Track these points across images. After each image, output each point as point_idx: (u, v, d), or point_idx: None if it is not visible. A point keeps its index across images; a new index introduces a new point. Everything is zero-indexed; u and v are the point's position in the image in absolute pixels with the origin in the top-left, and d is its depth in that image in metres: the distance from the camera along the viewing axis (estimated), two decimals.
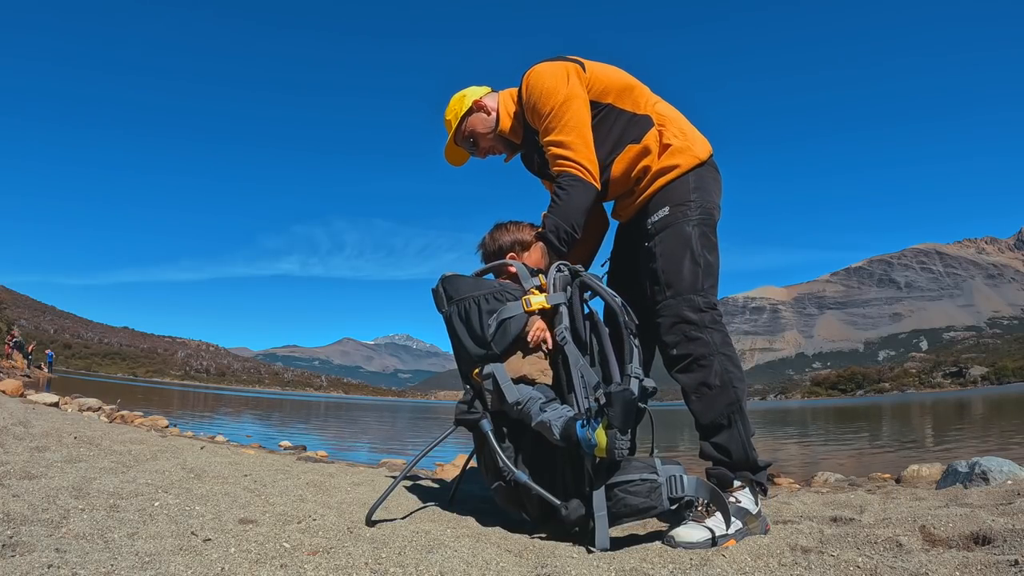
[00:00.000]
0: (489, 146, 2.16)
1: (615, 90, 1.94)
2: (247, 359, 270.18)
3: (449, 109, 2.16)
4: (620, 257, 2.13)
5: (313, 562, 1.29)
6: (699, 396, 1.74)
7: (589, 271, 1.87)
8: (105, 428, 3.94)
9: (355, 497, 2.09)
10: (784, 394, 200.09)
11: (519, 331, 1.72)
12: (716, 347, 1.74)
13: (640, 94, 1.98)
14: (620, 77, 1.98)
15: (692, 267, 1.80)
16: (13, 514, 1.45)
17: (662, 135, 1.93)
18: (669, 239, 1.85)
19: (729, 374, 1.73)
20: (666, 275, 1.82)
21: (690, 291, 1.78)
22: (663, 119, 1.96)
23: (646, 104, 1.97)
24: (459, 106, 2.13)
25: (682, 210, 1.86)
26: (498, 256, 1.99)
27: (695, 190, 1.88)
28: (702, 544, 1.48)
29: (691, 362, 1.75)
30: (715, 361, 1.73)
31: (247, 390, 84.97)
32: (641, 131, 1.92)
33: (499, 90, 2.16)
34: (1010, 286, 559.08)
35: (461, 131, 2.14)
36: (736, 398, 1.73)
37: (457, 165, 2.28)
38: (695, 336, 1.75)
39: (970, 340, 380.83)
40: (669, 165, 1.90)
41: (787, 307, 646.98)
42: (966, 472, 2.76)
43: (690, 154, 1.91)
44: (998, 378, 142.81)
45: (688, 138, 1.94)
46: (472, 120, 2.12)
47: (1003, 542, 1.34)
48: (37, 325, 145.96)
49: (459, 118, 2.12)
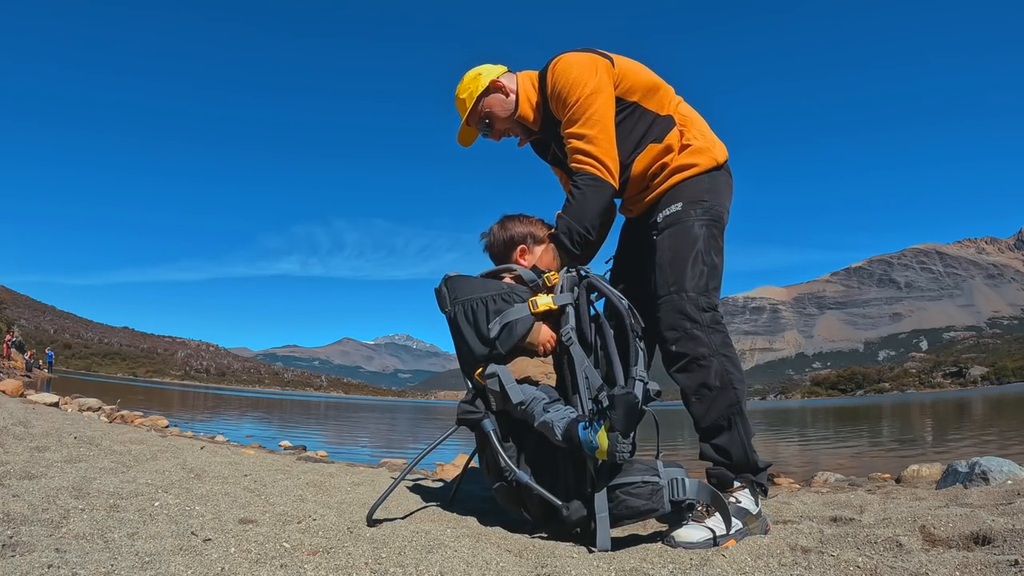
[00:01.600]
0: (505, 128, 2.05)
1: (641, 89, 1.92)
2: (247, 359, 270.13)
3: (463, 87, 2.04)
4: (626, 251, 2.10)
5: (313, 562, 1.29)
6: (699, 398, 1.73)
7: (592, 267, 1.87)
8: (105, 428, 3.94)
9: (355, 497, 2.09)
10: (784, 394, 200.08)
11: (524, 332, 1.72)
12: (716, 348, 1.73)
13: (665, 95, 1.96)
14: (647, 76, 1.95)
15: (699, 267, 1.79)
16: (13, 514, 1.45)
17: (683, 135, 1.92)
18: (678, 235, 1.83)
19: (729, 375, 1.72)
20: (672, 271, 1.80)
21: (694, 290, 1.77)
22: (685, 120, 1.95)
23: (670, 105, 1.95)
24: (474, 85, 2.01)
25: (694, 208, 1.84)
26: (507, 247, 1.96)
27: (708, 191, 1.87)
28: (703, 544, 1.48)
29: (690, 361, 1.74)
30: (715, 362, 1.72)
31: (247, 390, 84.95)
32: (663, 131, 1.90)
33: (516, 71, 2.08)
34: (1010, 286, 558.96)
35: (477, 111, 2.02)
36: (736, 399, 1.72)
37: (466, 146, 2.16)
38: (695, 335, 1.74)
39: (970, 340, 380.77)
40: (688, 163, 1.89)
41: (787, 307, 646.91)
42: (966, 472, 2.76)
43: (709, 155, 1.90)
44: (998, 378, 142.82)
45: (708, 140, 1.94)
46: (489, 101, 2.01)
47: (1003, 542, 1.34)
48: (37, 325, 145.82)
49: (475, 98, 2.00)
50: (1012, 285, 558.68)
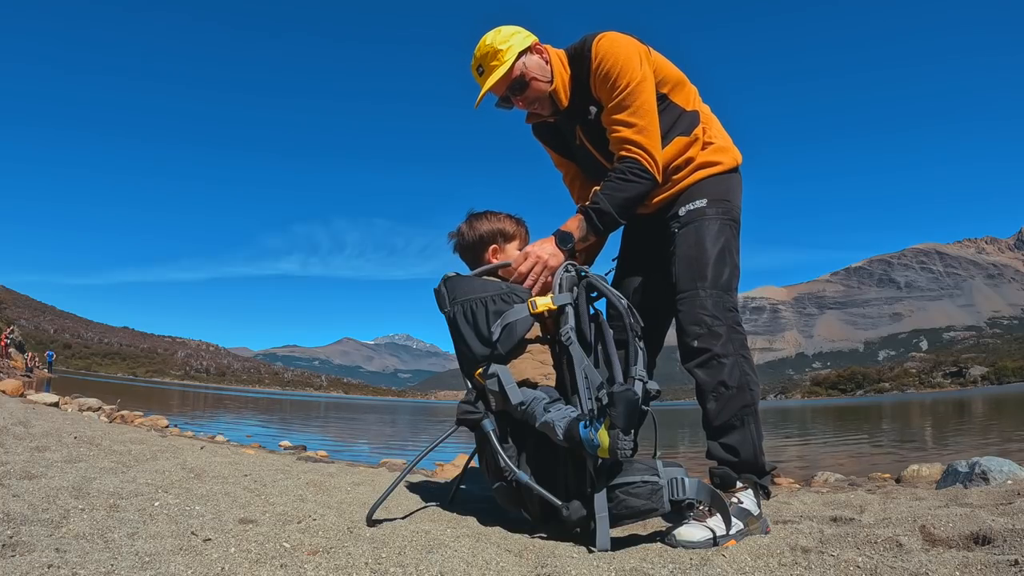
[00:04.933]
0: (536, 97, 1.86)
1: (671, 82, 1.90)
2: (247, 359, 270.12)
3: (500, 38, 1.80)
4: (637, 247, 2.05)
5: (313, 562, 1.29)
6: (716, 396, 1.71)
7: (594, 268, 1.86)
8: (105, 428, 3.94)
9: (355, 497, 2.09)
10: (784, 394, 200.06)
11: (524, 333, 1.72)
12: (736, 348, 1.72)
13: (691, 90, 1.95)
14: (675, 70, 1.93)
15: (726, 266, 1.78)
16: (13, 514, 1.45)
17: (706, 132, 1.92)
18: (704, 231, 1.80)
19: (747, 376, 1.71)
20: (698, 266, 1.77)
21: (721, 287, 1.75)
22: (707, 118, 1.95)
23: (695, 100, 1.95)
24: (517, 41, 1.80)
25: (718, 206, 1.83)
26: (477, 246, 1.95)
27: (731, 191, 1.87)
28: (703, 544, 1.48)
29: (711, 358, 1.72)
30: (733, 361, 1.71)
31: (247, 390, 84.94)
32: (690, 125, 1.89)
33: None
34: (1010, 286, 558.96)
35: (513, 71, 1.79)
36: (752, 401, 1.71)
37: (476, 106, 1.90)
38: (718, 332, 1.72)
39: (970, 340, 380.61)
40: (712, 160, 1.88)
41: (787, 307, 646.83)
42: (966, 472, 2.76)
43: (731, 155, 1.90)
44: (998, 378, 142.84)
45: (727, 140, 1.95)
46: (530, 61, 1.81)
47: (1003, 542, 1.33)
48: (37, 325, 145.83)
49: (516, 53, 1.78)
50: (1012, 285, 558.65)
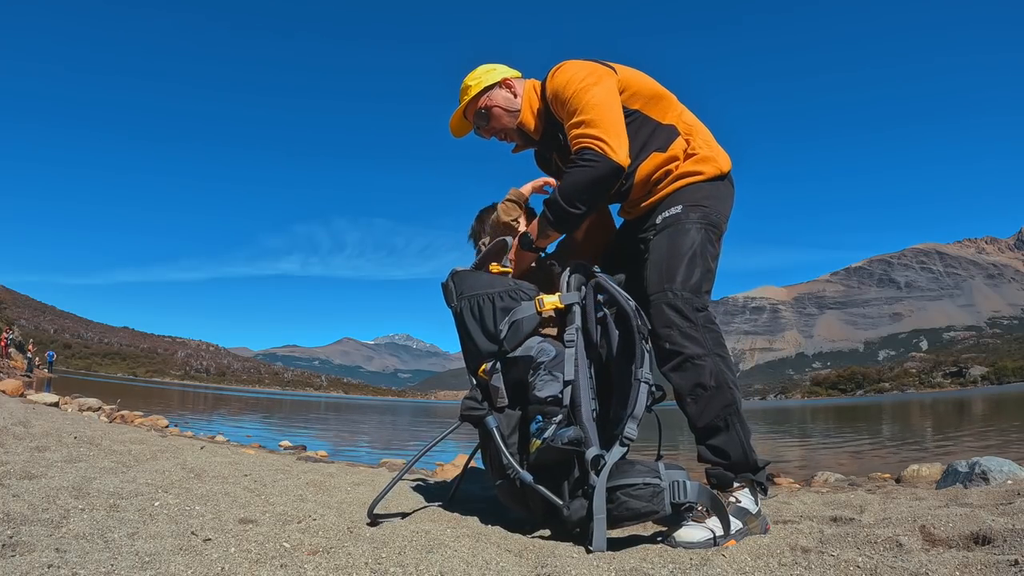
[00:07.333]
0: (501, 128, 2.07)
1: (644, 97, 1.93)
2: (247, 359, 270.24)
3: (474, 75, 2.07)
4: (619, 253, 2.10)
5: (313, 562, 1.29)
6: (695, 398, 1.71)
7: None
8: (105, 428, 3.94)
9: (355, 497, 2.09)
10: (784, 394, 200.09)
11: (531, 331, 1.72)
12: (710, 347, 1.72)
13: (668, 104, 1.97)
14: (650, 84, 1.96)
15: (694, 267, 1.79)
16: (13, 514, 1.45)
17: (689, 143, 1.93)
18: (676, 236, 1.83)
19: (724, 375, 1.70)
20: (667, 269, 1.79)
21: (689, 289, 1.76)
22: (690, 128, 1.96)
23: (673, 113, 1.96)
24: (487, 77, 2.04)
25: (693, 211, 1.85)
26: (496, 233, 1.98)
27: (709, 197, 1.88)
28: (703, 544, 1.48)
29: (684, 360, 1.72)
30: (710, 361, 1.70)
31: (247, 390, 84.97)
32: (667, 140, 1.92)
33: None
34: (1010, 286, 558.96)
35: (477, 102, 2.05)
36: (733, 400, 1.70)
37: (458, 136, 2.17)
38: (690, 334, 1.72)
39: (970, 340, 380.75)
40: (692, 171, 1.90)
41: (787, 307, 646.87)
42: (966, 472, 2.76)
43: (714, 164, 1.92)
44: (998, 378, 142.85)
45: (713, 149, 1.95)
46: (495, 95, 2.04)
47: (1003, 542, 1.33)
48: (37, 325, 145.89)
49: (481, 88, 2.03)
50: (1012, 285, 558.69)
